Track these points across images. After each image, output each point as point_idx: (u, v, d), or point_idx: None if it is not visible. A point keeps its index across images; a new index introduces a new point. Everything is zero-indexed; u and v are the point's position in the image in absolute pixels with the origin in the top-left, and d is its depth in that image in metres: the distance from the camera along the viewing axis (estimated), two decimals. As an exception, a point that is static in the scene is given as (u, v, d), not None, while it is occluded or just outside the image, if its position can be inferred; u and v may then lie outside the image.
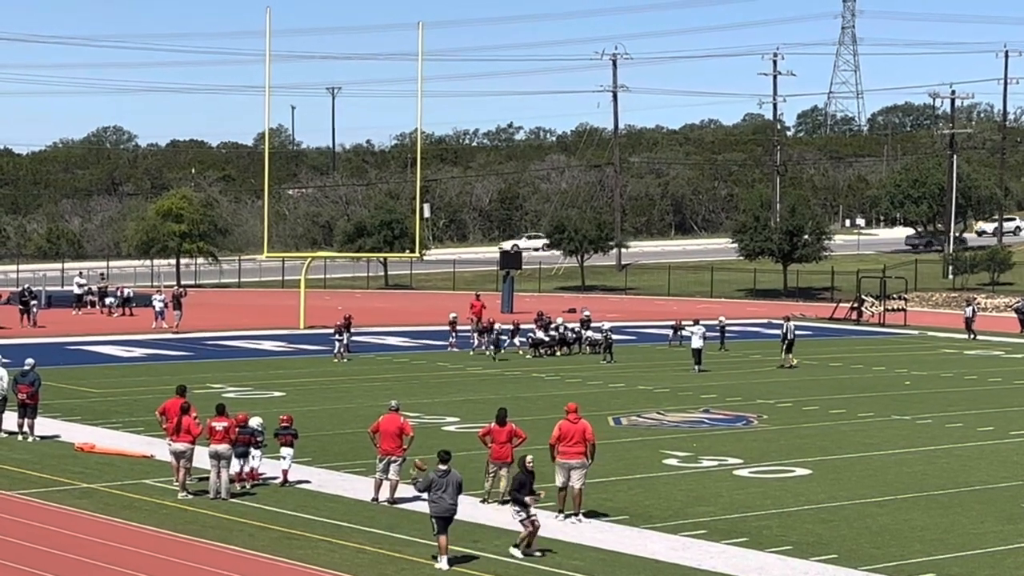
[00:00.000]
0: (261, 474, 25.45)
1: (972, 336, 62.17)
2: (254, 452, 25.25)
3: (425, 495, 20.67)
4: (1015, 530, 23.17)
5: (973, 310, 64.73)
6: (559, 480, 23.18)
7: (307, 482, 25.66)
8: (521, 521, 20.93)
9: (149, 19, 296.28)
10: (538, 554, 20.66)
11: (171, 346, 51.66)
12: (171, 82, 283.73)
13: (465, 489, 20.44)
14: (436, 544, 20.20)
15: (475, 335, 52.18)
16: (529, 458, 21.85)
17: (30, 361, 30.88)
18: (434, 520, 20.30)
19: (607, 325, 50.83)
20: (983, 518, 24.04)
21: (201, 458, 24.73)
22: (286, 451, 25.33)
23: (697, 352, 46.41)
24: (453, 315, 53.35)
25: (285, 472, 25.39)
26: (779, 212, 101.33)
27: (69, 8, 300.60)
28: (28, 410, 30.07)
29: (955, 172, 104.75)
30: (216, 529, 21.93)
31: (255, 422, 25.50)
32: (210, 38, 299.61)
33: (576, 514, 23.14)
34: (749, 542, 21.82)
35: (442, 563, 20.02)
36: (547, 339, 51.07)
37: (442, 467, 20.53)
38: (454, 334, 52.61)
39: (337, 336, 48.33)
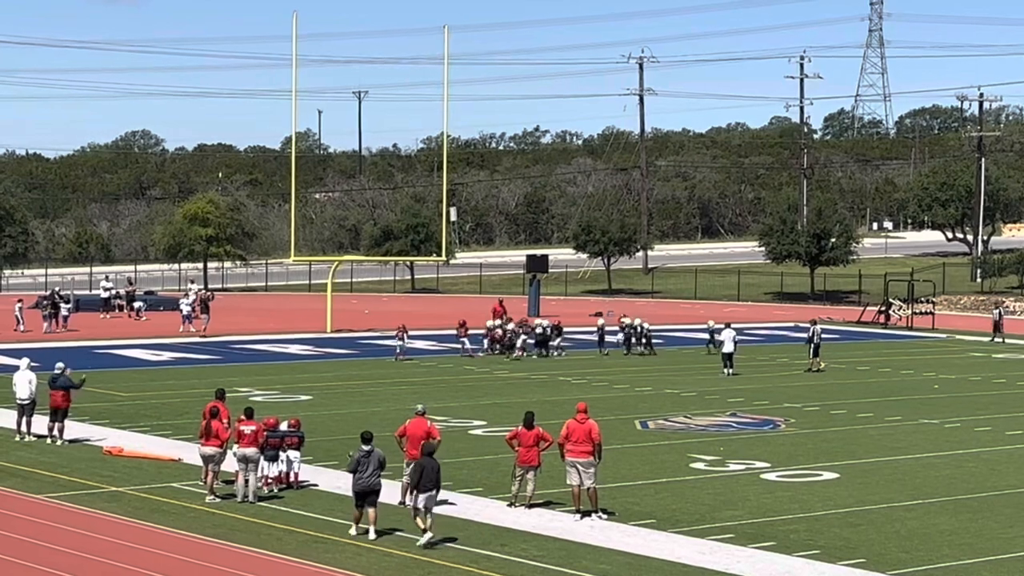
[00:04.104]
0: (278, 479, 25.49)
1: (1001, 339, 61.90)
2: (292, 455, 25.41)
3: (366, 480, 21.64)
4: (1044, 535, 23.06)
5: (1001, 313, 64.44)
6: (572, 479, 23.39)
7: (314, 485, 25.70)
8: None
9: (177, 24, 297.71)
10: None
11: (198, 350, 51.82)
12: (198, 86, 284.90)
13: (492, 493, 20.39)
14: (353, 517, 21.64)
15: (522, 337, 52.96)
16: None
17: (60, 365, 31.04)
18: (355, 495, 21.59)
19: (600, 321, 53.58)
20: (1012, 522, 23.92)
21: (228, 461, 24.81)
22: (293, 454, 25.55)
23: (728, 356, 46.51)
24: (512, 324, 53.77)
25: (296, 474, 25.62)
26: (806, 215, 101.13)
27: (97, 13, 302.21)
28: (59, 414, 30.24)
29: (983, 175, 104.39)
30: (244, 532, 22.00)
31: (282, 426, 25.73)
32: (237, 42, 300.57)
33: (595, 511, 23.27)
34: (776, 546, 21.78)
35: (371, 534, 21.51)
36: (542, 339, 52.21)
37: (365, 447, 21.72)
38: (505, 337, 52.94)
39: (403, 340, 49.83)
